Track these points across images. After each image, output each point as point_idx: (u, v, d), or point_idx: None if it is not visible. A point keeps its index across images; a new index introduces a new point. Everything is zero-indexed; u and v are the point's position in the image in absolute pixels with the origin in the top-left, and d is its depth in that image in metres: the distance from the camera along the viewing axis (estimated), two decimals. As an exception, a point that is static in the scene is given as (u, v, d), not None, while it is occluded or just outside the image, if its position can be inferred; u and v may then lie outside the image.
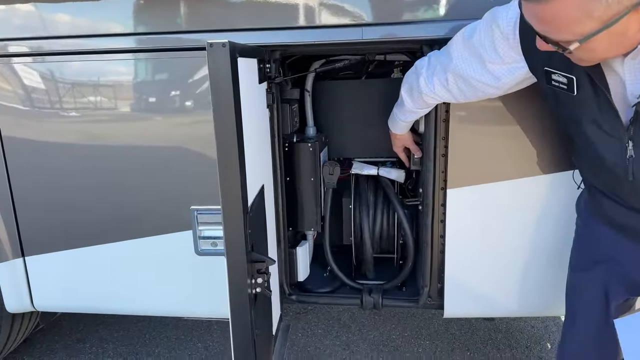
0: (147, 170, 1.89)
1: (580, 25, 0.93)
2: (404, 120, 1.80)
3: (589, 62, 1.07)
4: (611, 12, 0.89)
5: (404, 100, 1.68)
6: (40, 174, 1.93)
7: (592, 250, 1.44)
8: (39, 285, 2.06)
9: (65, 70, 1.84)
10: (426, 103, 1.64)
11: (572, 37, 0.96)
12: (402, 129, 1.88)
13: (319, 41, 1.66)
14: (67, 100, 1.87)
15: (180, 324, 2.88)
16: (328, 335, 2.74)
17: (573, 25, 0.94)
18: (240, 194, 1.20)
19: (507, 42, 1.31)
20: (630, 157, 1.12)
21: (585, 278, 1.46)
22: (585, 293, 1.47)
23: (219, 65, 1.13)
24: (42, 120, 1.91)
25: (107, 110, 1.86)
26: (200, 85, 1.77)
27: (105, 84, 1.83)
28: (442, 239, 1.86)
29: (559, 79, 1.21)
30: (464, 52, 1.43)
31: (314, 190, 2.06)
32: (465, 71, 1.43)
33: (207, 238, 1.84)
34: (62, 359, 2.61)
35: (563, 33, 0.97)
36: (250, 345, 1.29)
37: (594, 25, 0.92)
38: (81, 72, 1.84)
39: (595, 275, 1.42)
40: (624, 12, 0.89)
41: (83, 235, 1.98)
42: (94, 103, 1.85)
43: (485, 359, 2.51)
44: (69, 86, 1.85)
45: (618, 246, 1.33)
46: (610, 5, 0.88)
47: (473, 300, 1.90)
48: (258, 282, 1.34)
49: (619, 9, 0.89)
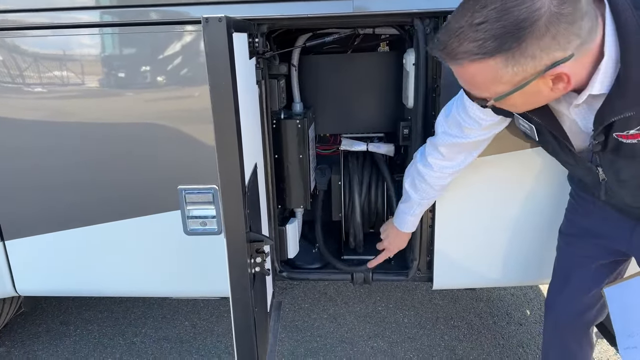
0: (129, 149, 1.83)
1: (494, 86, 1.02)
2: (412, 215, 1.80)
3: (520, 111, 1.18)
4: (518, 78, 0.98)
5: (408, 194, 1.74)
6: (18, 155, 1.85)
7: (582, 218, 1.53)
8: (21, 269, 2.01)
9: (41, 45, 1.73)
10: (431, 189, 1.68)
11: (489, 95, 1.06)
12: (411, 226, 1.85)
13: (309, 14, 1.61)
14: (46, 77, 1.76)
15: (166, 302, 2.87)
16: (315, 309, 2.78)
17: (488, 86, 1.03)
18: (240, 174, 1.18)
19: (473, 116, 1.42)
20: (603, 180, 1.24)
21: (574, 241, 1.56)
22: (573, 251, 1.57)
23: (215, 42, 1.09)
24: (20, 98, 1.81)
25: (88, 87, 1.78)
26: (179, 59, 1.71)
27: (87, 59, 1.74)
28: (432, 213, 1.89)
29: (524, 124, 1.33)
30: (446, 127, 1.53)
31: (302, 167, 2.04)
32: (452, 139, 1.53)
33: (195, 217, 1.81)
34: (45, 342, 2.57)
35: (481, 92, 1.07)
36: (251, 323, 1.30)
37: (505, 87, 1.01)
38: (60, 47, 1.73)
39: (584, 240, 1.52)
40: (531, 79, 0.98)
41: (65, 217, 1.92)
42: (73, 80, 1.77)
43: (468, 327, 2.60)
44: (47, 62, 1.75)
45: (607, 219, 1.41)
46: (516, 73, 0.97)
47: (461, 272, 1.95)
48: (257, 262, 1.33)
49: (524, 75, 0.97)
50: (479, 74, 1.00)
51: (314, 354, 2.43)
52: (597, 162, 1.21)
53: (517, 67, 0.96)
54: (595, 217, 1.47)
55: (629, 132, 1.04)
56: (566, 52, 0.94)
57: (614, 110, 1.02)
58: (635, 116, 1.01)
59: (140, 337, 2.59)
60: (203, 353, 2.46)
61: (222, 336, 2.57)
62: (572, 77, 0.98)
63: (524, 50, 0.93)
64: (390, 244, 1.92)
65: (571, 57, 0.94)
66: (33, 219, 1.93)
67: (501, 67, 0.96)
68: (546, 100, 1.10)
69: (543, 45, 0.92)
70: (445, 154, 1.58)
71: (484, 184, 1.82)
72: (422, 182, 1.67)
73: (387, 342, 2.50)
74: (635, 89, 0.98)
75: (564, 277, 1.61)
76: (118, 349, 2.50)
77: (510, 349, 2.44)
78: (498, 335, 2.54)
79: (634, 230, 1.35)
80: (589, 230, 1.50)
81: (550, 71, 0.96)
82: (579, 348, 1.63)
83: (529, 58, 0.94)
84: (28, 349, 2.52)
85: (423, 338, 2.53)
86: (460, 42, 0.96)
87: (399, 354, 2.41)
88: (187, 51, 1.69)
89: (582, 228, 1.53)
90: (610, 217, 1.40)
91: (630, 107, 1.00)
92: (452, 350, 2.44)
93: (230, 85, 1.11)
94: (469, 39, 0.95)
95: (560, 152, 1.29)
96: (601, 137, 1.10)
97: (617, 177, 1.20)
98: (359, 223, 2.14)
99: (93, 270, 2.01)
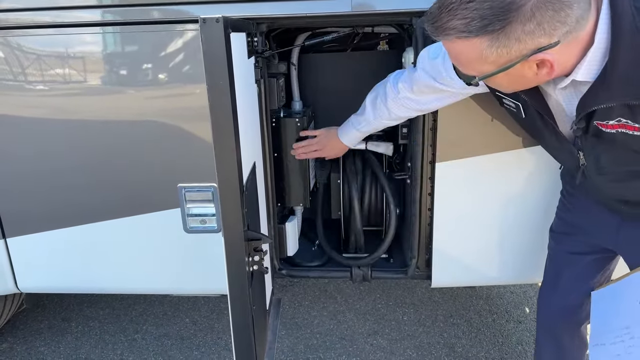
0: (131, 148, 1.84)
1: (479, 65, 1.04)
2: (359, 130, 1.82)
3: (507, 91, 1.20)
4: (503, 60, 1.00)
5: (366, 108, 1.75)
6: (20, 153, 1.86)
7: (571, 216, 1.55)
8: (23, 267, 2.02)
9: (43, 43, 1.74)
10: (387, 112, 1.68)
11: (475, 73, 1.08)
12: (352, 140, 1.88)
13: (308, 13, 1.62)
14: (47, 75, 1.78)
15: (167, 299, 2.88)
16: (315, 307, 2.79)
17: (473, 64, 1.05)
18: (237, 174, 1.19)
19: None
20: (583, 165, 1.26)
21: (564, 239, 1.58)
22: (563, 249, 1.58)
23: (212, 42, 1.10)
24: (20, 96, 1.82)
25: (90, 86, 1.78)
26: (180, 58, 1.72)
27: (90, 58, 1.75)
28: (430, 211, 1.90)
29: (509, 103, 1.34)
30: (428, 66, 1.52)
31: (302, 165, 2.05)
32: (429, 80, 1.51)
33: (195, 215, 1.83)
34: (47, 338, 2.59)
35: (467, 69, 1.09)
36: (249, 321, 1.31)
37: (490, 67, 1.03)
38: (61, 46, 1.74)
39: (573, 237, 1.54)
40: (515, 61, 0.99)
41: (66, 215, 1.93)
42: (76, 78, 1.77)
43: (468, 325, 2.61)
44: (49, 61, 1.76)
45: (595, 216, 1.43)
46: (500, 55, 0.99)
47: (459, 270, 1.96)
48: (255, 260, 1.34)
49: (509, 57, 0.99)
50: (465, 52, 1.03)
51: (314, 351, 2.44)
52: (579, 146, 1.23)
53: (502, 49, 0.97)
54: (584, 215, 1.48)
55: (608, 122, 1.07)
56: (551, 39, 0.95)
57: (597, 100, 1.04)
58: (616, 108, 1.03)
59: (141, 333, 2.61)
60: (203, 350, 2.47)
61: (223, 333, 2.59)
62: (556, 64, 1.00)
63: (509, 33, 0.95)
64: (325, 145, 1.94)
65: (556, 44, 0.96)
66: (34, 217, 1.95)
67: (486, 47, 0.98)
68: (531, 84, 1.12)
69: (527, 29, 0.94)
70: (415, 90, 1.58)
71: (482, 183, 1.83)
72: (382, 102, 1.68)
73: (386, 339, 2.52)
74: (619, 82, 0.99)
75: (555, 275, 1.62)
76: (119, 346, 2.52)
77: (509, 346, 2.45)
78: (497, 332, 2.55)
79: (619, 227, 1.36)
80: (577, 227, 1.52)
81: (534, 56, 0.98)
82: (572, 345, 1.64)
83: (513, 41, 0.96)
84: (30, 345, 2.55)
85: (422, 335, 2.54)
86: (449, 17, 0.98)
87: (398, 351, 2.43)
88: (188, 49, 1.69)
89: (571, 226, 1.55)
90: (598, 215, 1.41)
91: (612, 99, 1.01)
92: (451, 347, 2.45)
93: (227, 86, 1.11)
94: (458, 15, 0.96)
95: (545, 132, 1.30)
96: (582, 124, 1.12)
97: (597, 162, 1.22)
98: (358, 220, 2.14)
99: (94, 268, 2.02)
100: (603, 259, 1.51)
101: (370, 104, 1.73)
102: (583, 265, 1.53)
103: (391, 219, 2.08)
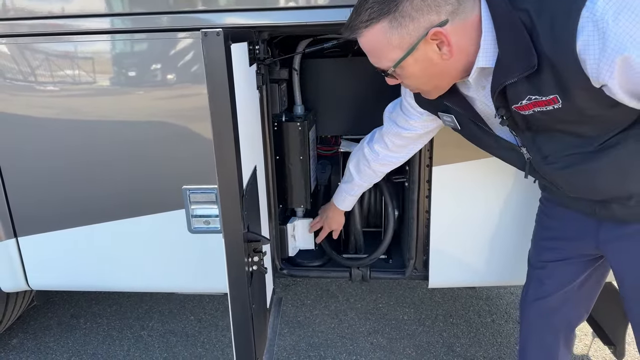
0: (141, 149, 1.89)
1: (389, 52, 1.14)
2: (352, 195, 1.96)
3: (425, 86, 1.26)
4: (405, 42, 1.11)
5: (352, 175, 1.88)
6: (31, 154, 1.93)
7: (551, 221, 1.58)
8: (34, 265, 2.09)
9: (53, 48, 1.80)
10: (374, 173, 1.82)
11: (388, 63, 1.17)
12: (349, 205, 2.02)
13: (309, 22, 1.67)
14: (56, 78, 1.84)
15: (173, 297, 2.95)
16: (317, 305, 2.85)
17: (385, 51, 1.15)
18: (237, 179, 1.24)
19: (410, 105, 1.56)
20: (528, 159, 1.32)
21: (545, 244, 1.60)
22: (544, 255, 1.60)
23: (213, 54, 1.15)
24: (31, 98, 1.88)
25: (99, 88, 1.84)
26: (185, 61, 1.76)
27: (97, 62, 1.80)
28: (428, 213, 1.94)
29: (447, 119, 1.44)
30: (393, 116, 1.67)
31: (303, 168, 2.10)
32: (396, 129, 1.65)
33: (200, 216, 1.88)
34: (56, 334, 2.66)
35: (382, 60, 1.18)
36: (248, 321, 1.36)
37: (398, 52, 1.13)
38: (70, 51, 1.80)
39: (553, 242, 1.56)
40: (416, 42, 1.10)
41: (76, 215, 1.99)
42: (84, 81, 1.83)
43: (467, 325, 2.65)
44: (58, 65, 1.82)
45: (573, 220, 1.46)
46: (402, 36, 1.10)
47: (456, 271, 2.00)
48: (254, 261, 1.40)
49: (410, 39, 1.10)
50: (373, 41, 1.14)
51: (315, 349, 2.50)
52: (519, 143, 1.30)
53: (401, 30, 1.09)
54: (562, 221, 1.50)
55: (522, 103, 1.13)
56: (440, 16, 1.07)
57: (499, 79, 1.12)
58: (519, 85, 1.10)
59: (147, 330, 2.68)
60: (207, 347, 2.54)
61: (226, 330, 2.65)
62: (452, 41, 1.09)
63: (402, 12, 1.07)
64: (329, 222, 2.09)
65: (446, 22, 1.08)
66: (45, 217, 2.01)
67: (387, 30, 1.10)
68: (444, 74, 1.19)
69: (416, 6, 1.07)
70: (390, 145, 1.71)
71: (479, 184, 1.87)
72: (366, 166, 1.81)
73: (386, 338, 2.56)
74: (511, 58, 1.07)
75: (537, 279, 1.63)
76: (126, 342, 2.59)
77: (508, 346, 2.49)
78: (496, 333, 2.59)
79: (598, 229, 1.38)
80: (557, 233, 1.53)
81: (430, 32, 1.08)
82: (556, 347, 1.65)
83: (407, 19, 1.08)
84: (40, 340, 2.63)
85: (422, 335, 2.58)
86: (356, 15, 1.13)
87: (398, 350, 2.47)
88: (193, 53, 1.73)
89: (551, 231, 1.57)
90: (576, 219, 1.43)
91: (510, 74, 1.08)
92: (450, 347, 2.49)
93: (227, 95, 1.17)
94: (362, 10, 1.11)
95: (483, 137, 1.37)
96: (502, 111, 1.19)
97: (541, 153, 1.26)
98: (357, 222, 2.19)
99: (103, 266, 2.08)
100: (585, 262, 1.52)
101: (355, 169, 1.86)
102: (566, 269, 1.54)
103: (390, 221, 2.13)
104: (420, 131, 1.62)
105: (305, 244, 2.21)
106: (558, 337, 1.63)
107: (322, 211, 2.12)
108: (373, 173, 1.82)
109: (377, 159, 1.76)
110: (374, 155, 1.76)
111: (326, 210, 2.09)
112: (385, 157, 1.74)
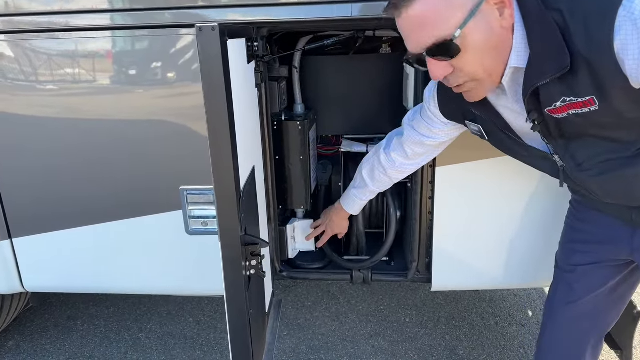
0: (138, 149, 1.85)
1: (452, 16, 1.05)
2: (363, 199, 1.90)
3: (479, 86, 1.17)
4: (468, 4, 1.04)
5: (365, 181, 1.82)
6: (25, 153, 1.89)
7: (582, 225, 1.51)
8: (28, 267, 2.05)
9: (52, 46, 1.76)
10: (389, 180, 1.77)
11: (450, 29, 1.06)
12: (358, 209, 1.96)
13: (308, 18, 1.62)
14: (51, 77, 1.80)
15: (171, 299, 2.91)
16: (318, 307, 2.80)
17: (445, 17, 1.06)
18: (233, 181, 1.20)
19: (433, 115, 1.50)
20: (562, 167, 1.28)
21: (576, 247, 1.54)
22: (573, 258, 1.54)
23: (208, 50, 1.10)
24: (26, 97, 1.84)
25: (95, 87, 1.80)
26: (184, 59, 1.73)
27: (94, 60, 1.76)
28: (431, 215, 1.90)
29: (474, 128, 1.39)
30: (414, 125, 1.60)
31: (303, 168, 2.06)
32: (417, 137, 1.59)
33: (197, 218, 1.84)
34: (53, 336, 2.63)
35: (440, 27, 1.06)
36: (246, 326, 1.32)
37: (461, 14, 1.05)
38: (68, 48, 1.76)
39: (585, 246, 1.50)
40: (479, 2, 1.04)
41: (71, 216, 1.96)
42: (80, 80, 1.79)
43: (470, 327, 2.61)
44: (56, 63, 1.78)
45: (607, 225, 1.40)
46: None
47: (459, 273, 1.96)
48: (252, 265, 1.35)
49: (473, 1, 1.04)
50: (430, 8, 1.06)
51: (316, 352, 2.46)
52: (552, 151, 1.26)
53: None
54: (594, 224, 1.45)
55: (556, 105, 1.09)
56: None
57: (531, 80, 1.08)
58: (552, 86, 1.06)
59: (145, 332, 2.64)
60: (206, 349, 2.50)
61: (225, 332, 2.58)
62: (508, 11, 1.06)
63: None
64: (332, 226, 2.03)
65: None
66: (40, 218, 1.98)
67: None
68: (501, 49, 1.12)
69: None
70: (410, 154, 1.65)
71: (483, 186, 1.83)
72: (382, 173, 1.75)
73: (388, 341, 2.52)
74: (542, 58, 1.04)
75: (566, 283, 1.56)
76: (123, 344, 2.56)
77: (511, 350, 2.44)
78: (500, 336, 2.54)
79: (634, 235, 1.34)
80: (590, 236, 1.48)
81: None
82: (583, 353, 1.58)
83: None
84: (36, 342, 2.59)
85: (424, 338, 2.54)
86: None
87: (400, 353, 2.43)
88: (191, 51, 1.70)
89: (582, 234, 1.51)
90: (610, 224, 1.39)
91: (543, 75, 1.05)
92: (452, 350, 2.45)
93: (223, 93, 1.12)
94: None
95: (513, 146, 1.34)
96: (534, 115, 1.15)
97: (575, 160, 1.22)
98: (359, 223, 2.15)
99: (99, 268, 2.05)
100: (616, 267, 1.46)
101: (368, 176, 1.80)
102: (597, 273, 1.48)
103: (392, 222, 2.09)
104: (444, 139, 1.57)
105: (305, 245, 2.16)
106: (586, 343, 1.56)
107: (325, 215, 2.06)
108: (389, 180, 1.78)
109: (393, 167, 1.71)
110: (391, 163, 1.71)
111: (330, 214, 2.02)
112: (402, 165, 1.70)
